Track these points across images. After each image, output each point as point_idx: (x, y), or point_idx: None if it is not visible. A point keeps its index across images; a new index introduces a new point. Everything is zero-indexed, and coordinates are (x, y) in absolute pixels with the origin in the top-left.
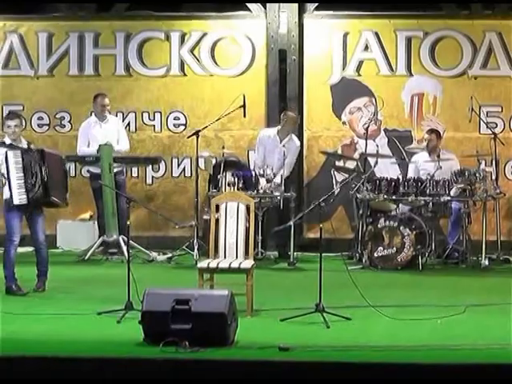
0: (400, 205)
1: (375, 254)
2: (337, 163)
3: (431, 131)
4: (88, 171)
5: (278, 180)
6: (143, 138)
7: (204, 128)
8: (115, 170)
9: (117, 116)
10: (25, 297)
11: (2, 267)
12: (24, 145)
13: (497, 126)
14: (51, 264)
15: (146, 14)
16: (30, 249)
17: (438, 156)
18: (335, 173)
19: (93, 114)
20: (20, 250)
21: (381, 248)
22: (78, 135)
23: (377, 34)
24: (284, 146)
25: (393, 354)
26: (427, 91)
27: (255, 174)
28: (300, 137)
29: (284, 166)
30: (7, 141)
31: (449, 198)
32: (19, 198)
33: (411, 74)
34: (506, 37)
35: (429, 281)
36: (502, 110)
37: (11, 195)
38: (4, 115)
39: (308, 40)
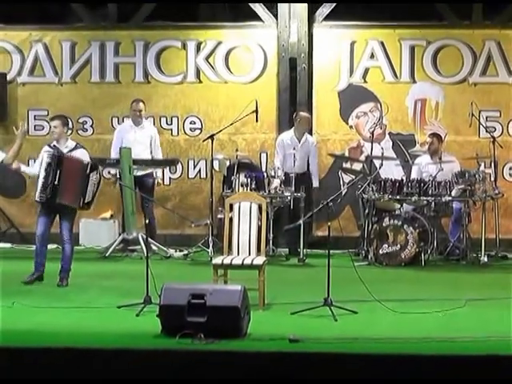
0: (404, 204)
1: (380, 251)
2: (344, 165)
3: (433, 135)
4: (117, 172)
5: (316, 184)
6: (161, 141)
7: (218, 132)
8: (144, 173)
9: (148, 121)
10: (49, 291)
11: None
12: (66, 147)
13: (495, 130)
14: (74, 260)
15: (164, 24)
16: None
17: (440, 158)
18: (342, 174)
19: (129, 118)
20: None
21: (386, 245)
22: (100, 138)
23: (382, 43)
24: (302, 145)
25: (397, 346)
26: (430, 97)
27: (267, 175)
28: None
29: (314, 165)
30: (53, 142)
31: (450, 198)
32: (40, 195)
33: (414, 81)
34: (504, 46)
35: (431, 276)
36: (500, 115)
37: (35, 192)
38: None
39: (317, 49)
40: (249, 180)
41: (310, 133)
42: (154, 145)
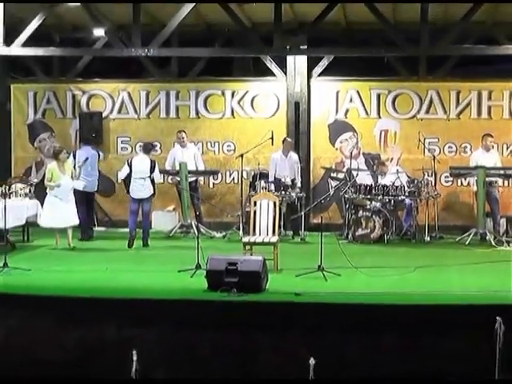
0: (373, 202)
1: (356, 233)
2: (332, 174)
3: (378, 162)
4: (173, 179)
5: (299, 184)
6: (207, 158)
7: (246, 152)
8: (192, 179)
9: (191, 144)
10: (131, 258)
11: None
12: None
13: (435, 150)
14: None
15: (209, 79)
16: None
17: (397, 171)
18: (331, 181)
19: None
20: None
21: (360, 229)
22: (165, 156)
23: (358, 92)
24: (288, 159)
25: (368, 298)
26: (390, 128)
27: (280, 182)
28: (308, 157)
29: (297, 174)
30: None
31: (404, 197)
32: None
33: (380, 117)
34: (441, 93)
35: (391, 251)
36: (438, 141)
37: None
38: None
39: (313, 95)
40: (267, 185)
41: (309, 153)
42: (196, 160)
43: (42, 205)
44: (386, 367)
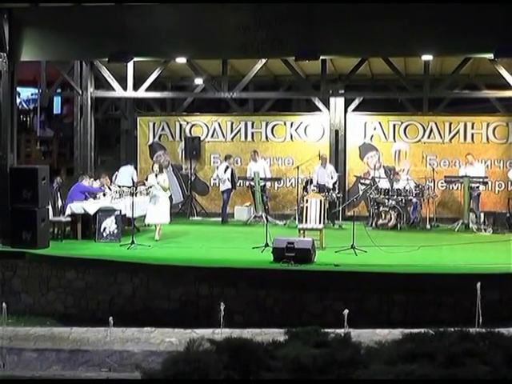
0: (389, 200)
1: (378, 222)
2: (361, 181)
3: (393, 172)
4: (250, 184)
5: (330, 186)
6: (273, 169)
7: (300, 165)
8: (262, 184)
9: (261, 159)
10: (219, 239)
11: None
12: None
13: (434, 164)
14: (231, 225)
15: (274, 113)
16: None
17: (407, 179)
18: (360, 185)
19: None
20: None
21: (380, 220)
22: (244, 167)
23: (379, 123)
24: (325, 169)
25: (386, 267)
26: (402, 149)
27: (324, 186)
28: (344, 169)
29: (333, 179)
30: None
31: (412, 197)
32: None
33: (395, 141)
34: (438, 125)
35: (402, 235)
36: (436, 157)
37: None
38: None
39: (348, 125)
40: (315, 188)
41: (345, 166)
42: (265, 170)
43: None
44: (397, 315)
